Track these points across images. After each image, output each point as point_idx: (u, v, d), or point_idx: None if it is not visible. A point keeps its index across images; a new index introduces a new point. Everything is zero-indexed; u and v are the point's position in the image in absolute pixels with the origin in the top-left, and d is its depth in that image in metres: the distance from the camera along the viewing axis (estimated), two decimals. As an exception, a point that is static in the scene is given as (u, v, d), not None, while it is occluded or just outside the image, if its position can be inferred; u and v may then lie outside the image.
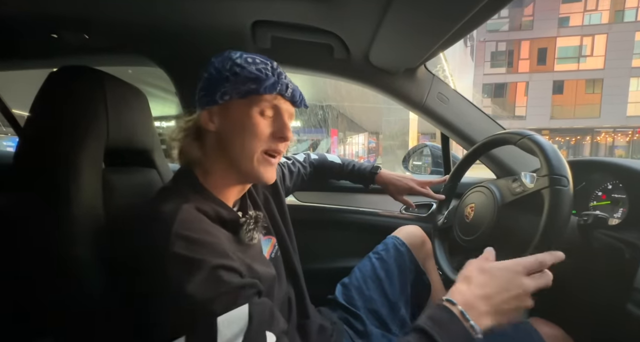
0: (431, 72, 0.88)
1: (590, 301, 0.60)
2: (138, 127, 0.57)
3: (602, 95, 15.47)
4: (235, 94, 0.47)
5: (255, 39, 0.73)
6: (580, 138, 16.72)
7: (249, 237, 0.48)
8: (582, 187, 0.69)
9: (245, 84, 0.47)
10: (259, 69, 0.47)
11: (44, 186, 0.43)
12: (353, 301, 0.74)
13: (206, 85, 0.49)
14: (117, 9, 0.64)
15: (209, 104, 0.48)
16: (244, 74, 0.47)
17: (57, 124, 0.45)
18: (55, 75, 0.47)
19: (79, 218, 0.43)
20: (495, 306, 0.41)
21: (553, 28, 16.28)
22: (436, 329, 0.39)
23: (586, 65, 15.83)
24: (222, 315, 0.36)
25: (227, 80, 0.47)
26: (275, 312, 0.41)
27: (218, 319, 0.35)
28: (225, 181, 0.50)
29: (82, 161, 0.44)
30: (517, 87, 16.96)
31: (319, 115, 8.26)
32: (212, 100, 0.48)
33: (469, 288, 0.43)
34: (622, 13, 15.46)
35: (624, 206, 0.62)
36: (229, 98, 0.47)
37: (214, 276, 0.37)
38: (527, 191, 0.55)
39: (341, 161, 0.95)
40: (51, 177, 0.43)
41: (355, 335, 0.69)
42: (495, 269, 0.44)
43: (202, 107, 0.49)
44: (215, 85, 0.48)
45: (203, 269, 0.37)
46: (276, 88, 0.48)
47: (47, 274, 0.43)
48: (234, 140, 0.48)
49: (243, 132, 0.47)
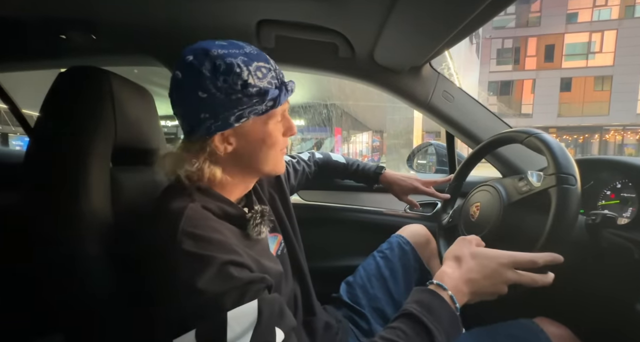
0: (436, 71, 0.88)
1: (598, 301, 0.60)
2: (145, 126, 0.58)
3: (612, 92, 15.18)
4: (252, 114, 0.44)
5: (259, 38, 0.73)
6: (588, 136, 16.45)
7: (257, 231, 0.48)
8: (590, 186, 0.68)
9: (263, 103, 0.44)
10: (270, 82, 0.45)
11: (53, 185, 0.44)
12: (357, 300, 0.74)
13: (210, 108, 0.42)
14: (123, 10, 0.65)
15: (220, 129, 0.44)
16: (259, 92, 0.43)
17: (66, 123, 0.46)
18: (64, 75, 0.48)
19: (87, 216, 0.44)
20: (476, 289, 0.45)
21: (561, 24, 16.00)
22: (427, 315, 0.41)
23: (595, 62, 15.54)
24: (232, 310, 0.36)
25: (240, 101, 0.43)
26: (285, 308, 0.42)
27: (228, 313, 0.36)
28: (234, 181, 0.50)
29: (90, 160, 0.45)
30: (523, 85, 16.73)
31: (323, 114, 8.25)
32: (225, 124, 0.44)
33: (459, 271, 0.46)
34: (633, 8, 15.12)
35: (634, 205, 0.61)
36: (245, 120, 0.44)
37: (224, 272, 0.38)
38: (534, 190, 0.54)
39: (345, 161, 0.95)
40: (60, 175, 0.44)
41: (360, 333, 0.69)
42: (485, 257, 0.46)
43: (211, 133, 0.44)
44: (225, 108, 0.43)
45: (212, 265, 0.37)
46: (286, 96, 0.47)
47: (56, 272, 0.44)
48: (256, 154, 0.48)
49: (264, 146, 0.48)
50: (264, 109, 0.45)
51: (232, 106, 0.43)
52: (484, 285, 0.45)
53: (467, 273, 0.46)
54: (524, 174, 0.60)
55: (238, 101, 0.43)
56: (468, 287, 0.45)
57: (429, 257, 0.84)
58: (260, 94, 0.43)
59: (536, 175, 0.55)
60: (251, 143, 0.47)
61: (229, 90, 0.42)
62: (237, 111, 0.43)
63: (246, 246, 0.45)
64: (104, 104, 0.48)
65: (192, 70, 0.42)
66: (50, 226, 0.44)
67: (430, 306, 0.42)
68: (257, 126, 0.47)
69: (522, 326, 0.58)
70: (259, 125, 0.47)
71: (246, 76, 0.42)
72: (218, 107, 0.43)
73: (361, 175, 0.92)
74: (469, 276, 0.45)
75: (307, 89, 5.99)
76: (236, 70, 0.42)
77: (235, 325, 0.35)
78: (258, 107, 0.44)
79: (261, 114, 0.46)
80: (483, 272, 0.45)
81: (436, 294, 0.43)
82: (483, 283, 0.45)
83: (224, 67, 0.42)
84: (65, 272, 0.43)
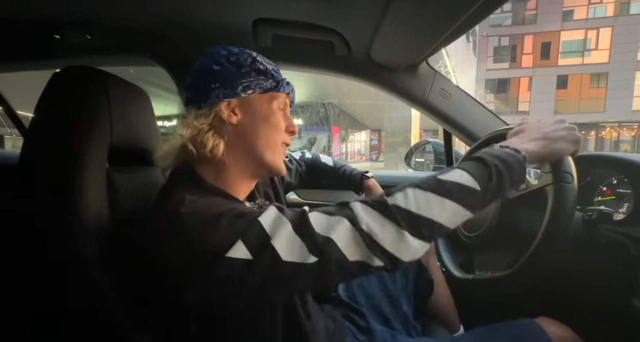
0: (433, 68, 0.88)
1: (595, 297, 0.60)
2: (141, 126, 0.57)
3: (607, 89, 15.26)
4: (258, 88, 0.49)
5: (256, 37, 0.73)
6: (585, 133, 16.52)
7: None
8: (586, 182, 0.69)
9: (268, 81, 0.49)
10: (274, 70, 0.51)
11: (49, 186, 0.44)
12: (355, 298, 0.74)
13: (221, 78, 0.48)
14: (118, 10, 0.64)
15: (228, 97, 0.48)
16: (267, 70, 0.49)
17: (61, 124, 0.45)
18: (59, 75, 0.47)
19: (84, 217, 0.43)
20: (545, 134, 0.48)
21: (557, 22, 16.05)
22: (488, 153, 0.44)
23: (591, 59, 15.61)
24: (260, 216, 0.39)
25: (248, 74, 0.48)
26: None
27: (259, 219, 0.39)
28: (240, 175, 0.50)
29: (86, 161, 0.45)
30: (520, 82, 16.79)
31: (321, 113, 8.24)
32: (232, 93, 0.48)
33: (519, 138, 0.49)
34: (628, 5, 15.19)
35: (630, 201, 0.62)
36: (252, 92, 0.48)
37: (236, 211, 0.40)
38: (531, 188, 0.54)
39: (333, 164, 0.91)
40: (56, 177, 0.44)
41: (358, 332, 0.69)
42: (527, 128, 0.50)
43: (218, 100, 0.47)
44: (234, 78, 0.48)
45: (221, 215, 0.39)
46: (288, 86, 0.52)
47: (53, 273, 0.43)
48: (259, 131, 0.49)
49: (267, 124, 0.50)
50: (268, 87, 0.49)
51: (241, 77, 0.48)
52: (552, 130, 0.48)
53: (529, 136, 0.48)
54: None
55: (246, 74, 0.48)
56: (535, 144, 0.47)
57: (427, 254, 0.84)
58: (266, 72, 0.50)
59: (533, 172, 0.56)
60: (255, 118, 0.49)
61: (239, 64, 0.48)
62: (245, 82, 0.48)
63: None
64: (99, 104, 0.48)
65: (209, 53, 0.50)
66: (46, 227, 0.43)
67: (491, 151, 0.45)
68: (262, 102, 0.50)
69: (524, 326, 0.58)
70: (264, 102, 0.50)
71: (255, 56, 0.50)
72: (228, 77, 0.48)
73: (347, 180, 0.90)
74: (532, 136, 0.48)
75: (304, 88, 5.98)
76: (247, 51, 0.50)
77: (270, 222, 0.39)
78: (264, 83, 0.49)
79: (266, 90, 0.49)
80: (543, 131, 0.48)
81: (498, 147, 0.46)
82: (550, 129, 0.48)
83: (237, 51, 0.50)
84: (61, 273, 0.43)
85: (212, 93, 0.47)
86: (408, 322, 0.74)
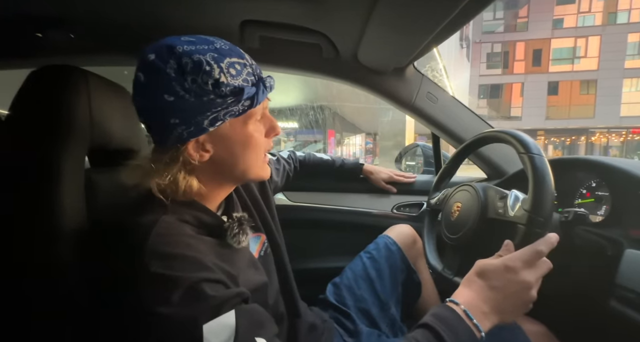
0: (420, 72, 0.89)
1: (572, 298, 0.61)
2: (124, 126, 0.57)
3: (597, 96, 15.65)
4: (228, 116, 0.40)
5: (243, 39, 0.73)
6: (575, 138, 16.87)
7: (236, 241, 0.46)
8: (568, 184, 0.70)
9: (239, 103, 0.40)
10: (245, 79, 0.40)
11: (25, 186, 0.43)
12: (344, 301, 0.74)
13: (179, 113, 0.38)
14: (102, 9, 0.64)
15: (194, 135, 0.40)
16: (235, 88, 0.39)
17: (36, 123, 0.44)
18: (35, 74, 0.46)
19: (59, 218, 0.42)
20: (497, 305, 0.42)
21: (547, 29, 16.46)
22: (442, 326, 0.40)
23: (580, 67, 16.01)
24: (208, 323, 0.34)
25: (213, 103, 0.38)
26: (264, 316, 0.41)
27: (204, 327, 0.34)
28: (215, 187, 0.47)
29: (63, 161, 0.44)
30: (512, 88, 17.11)
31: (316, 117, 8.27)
32: (198, 130, 0.39)
33: (470, 292, 0.44)
34: (615, 15, 15.67)
35: (607, 204, 0.63)
36: (221, 123, 0.40)
37: (196, 290, 0.35)
38: (506, 218, 0.53)
39: (331, 157, 1.01)
40: (32, 177, 0.43)
41: (346, 333, 0.69)
42: (492, 271, 0.44)
43: (183, 141, 0.40)
44: (196, 113, 0.38)
45: (181, 287, 0.35)
46: (265, 94, 0.43)
47: (27, 275, 0.42)
48: (237, 159, 0.44)
49: (245, 150, 0.44)
50: (240, 110, 0.41)
51: (205, 109, 0.38)
52: (504, 297, 0.42)
53: (480, 292, 0.43)
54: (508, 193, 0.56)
55: (210, 103, 0.38)
56: (487, 306, 0.42)
57: (416, 257, 0.85)
58: (235, 93, 0.39)
59: (513, 200, 0.53)
60: (230, 148, 0.43)
61: (199, 91, 0.37)
62: (211, 114, 0.39)
63: (225, 258, 0.43)
64: (79, 103, 0.47)
65: (155, 70, 0.37)
66: (22, 228, 0.42)
67: (444, 318, 0.41)
68: (236, 129, 0.42)
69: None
70: (238, 128, 0.42)
71: (217, 74, 0.37)
72: (188, 111, 0.38)
73: (346, 168, 1.01)
74: (483, 295, 0.43)
75: (299, 91, 5.99)
76: (205, 68, 0.37)
77: (212, 338, 0.34)
78: (234, 108, 0.40)
79: (238, 115, 0.41)
80: (495, 285, 0.43)
81: (449, 307, 0.42)
82: (502, 296, 0.42)
83: (192, 65, 0.37)
84: (35, 275, 0.42)
85: (173, 131, 0.39)
86: (395, 324, 0.74)
